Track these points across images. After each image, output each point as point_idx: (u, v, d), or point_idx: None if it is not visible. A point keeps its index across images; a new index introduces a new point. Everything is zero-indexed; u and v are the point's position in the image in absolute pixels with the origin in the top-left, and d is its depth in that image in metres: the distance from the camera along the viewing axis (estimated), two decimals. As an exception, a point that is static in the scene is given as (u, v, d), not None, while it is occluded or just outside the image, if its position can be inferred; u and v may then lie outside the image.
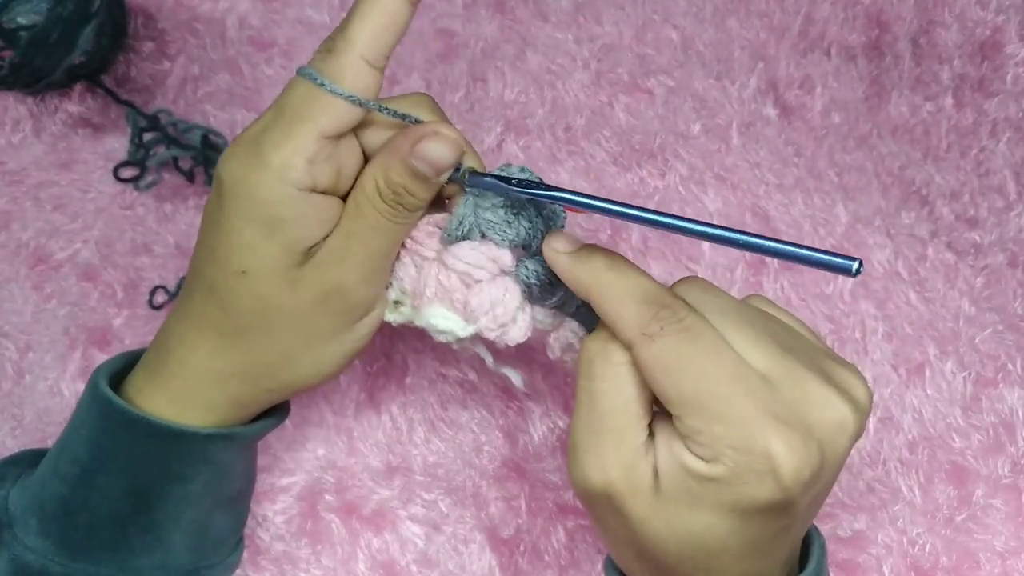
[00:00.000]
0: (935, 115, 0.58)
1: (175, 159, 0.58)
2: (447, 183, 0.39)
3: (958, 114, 0.58)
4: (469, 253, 0.39)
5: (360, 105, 0.36)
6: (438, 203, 0.41)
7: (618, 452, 0.34)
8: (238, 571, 0.50)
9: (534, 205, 0.39)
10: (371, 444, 0.53)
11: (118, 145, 0.60)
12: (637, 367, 0.34)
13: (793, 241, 0.31)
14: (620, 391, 0.34)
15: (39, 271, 0.57)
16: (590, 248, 0.36)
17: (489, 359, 0.44)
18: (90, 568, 0.40)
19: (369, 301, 0.40)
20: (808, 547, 0.39)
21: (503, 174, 0.38)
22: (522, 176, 0.38)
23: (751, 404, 0.32)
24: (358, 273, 0.38)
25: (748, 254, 0.56)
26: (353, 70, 0.36)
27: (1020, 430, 0.52)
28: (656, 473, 0.34)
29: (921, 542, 0.50)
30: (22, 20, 0.54)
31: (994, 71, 0.59)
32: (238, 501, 0.46)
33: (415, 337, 0.55)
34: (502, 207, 0.38)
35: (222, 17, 0.62)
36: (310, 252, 0.38)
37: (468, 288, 0.39)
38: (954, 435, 0.52)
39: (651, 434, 0.34)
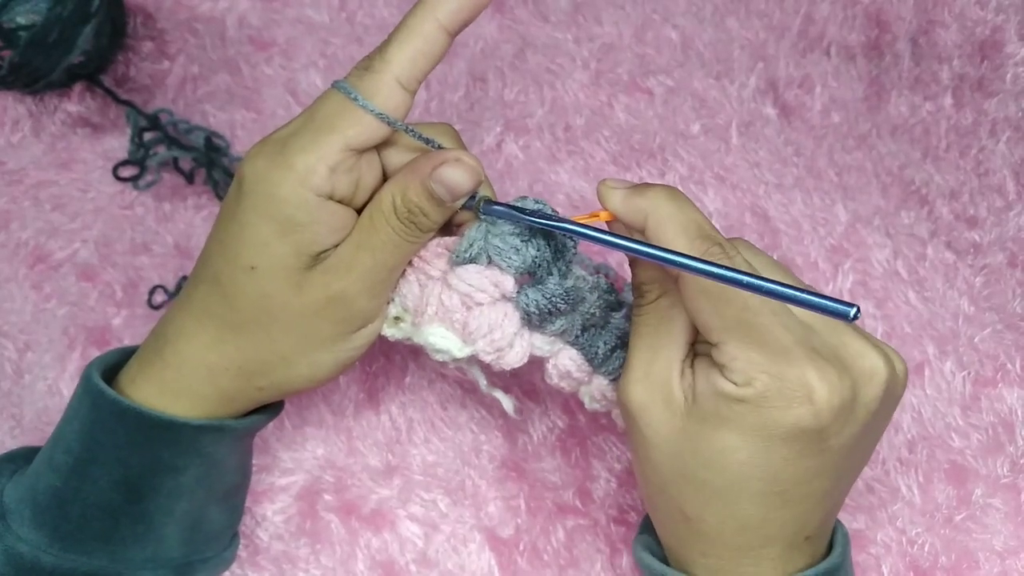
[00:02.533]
0: (934, 115, 0.58)
1: (175, 159, 0.58)
2: (462, 209, 0.40)
3: (957, 114, 0.58)
4: (473, 276, 0.39)
5: (388, 123, 0.38)
6: (448, 229, 0.41)
7: (653, 367, 0.37)
8: (237, 571, 0.50)
9: (544, 238, 0.40)
10: (370, 444, 0.53)
11: (117, 145, 0.60)
12: (683, 296, 0.36)
13: (796, 286, 0.32)
14: (661, 318, 0.38)
15: (38, 271, 0.57)
16: (648, 184, 0.38)
17: (483, 382, 0.44)
18: (82, 559, 0.41)
19: (370, 312, 0.40)
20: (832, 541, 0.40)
21: (517, 205, 0.39)
22: (536, 208, 0.39)
23: (789, 336, 0.34)
24: (363, 284, 0.39)
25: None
26: (387, 89, 0.37)
27: (1019, 430, 0.52)
28: (688, 397, 0.36)
29: (920, 541, 0.50)
30: (21, 20, 0.54)
31: (993, 71, 0.59)
32: (232, 496, 0.46)
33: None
34: (512, 235, 0.39)
35: (222, 17, 0.62)
36: (319, 258, 0.39)
37: (468, 310, 0.40)
38: (953, 435, 0.52)
39: (691, 367, 0.37)
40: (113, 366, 0.43)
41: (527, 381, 0.53)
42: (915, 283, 0.55)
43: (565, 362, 0.42)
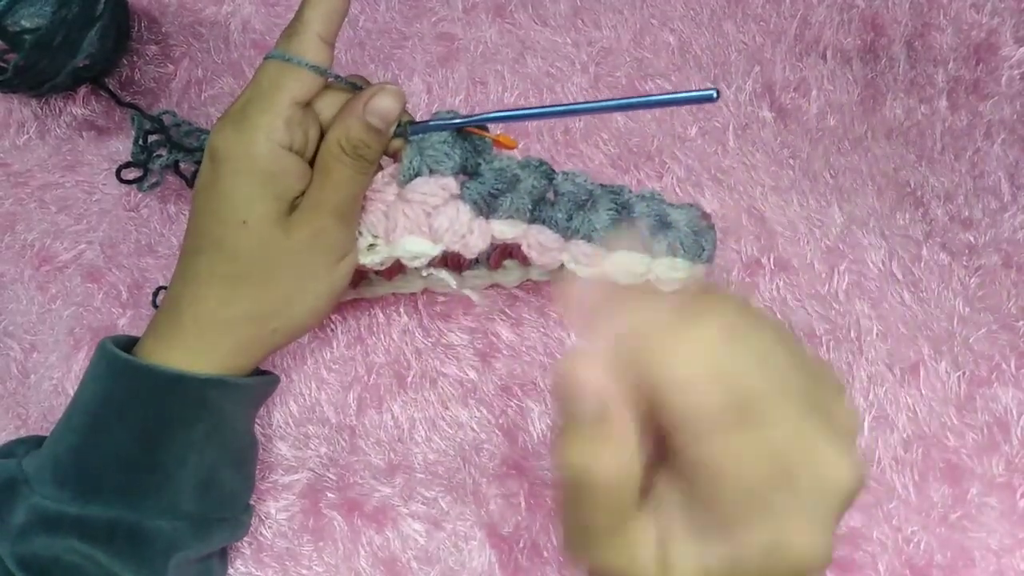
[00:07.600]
0: (930, 117, 0.59)
1: (176, 163, 0.59)
2: (393, 138, 0.46)
3: (952, 116, 0.59)
4: (423, 186, 0.47)
5: (320, 73, 0.44)
6: (379, 165, 0.48)
7: (619, 539, 0.29)
8: (241, 568, 0.51)
9: (464, 139, 0.47)
10: (373, 442, 0.54)
11: (122, 147, 0.61)
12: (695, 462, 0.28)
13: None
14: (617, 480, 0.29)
15: (44, 272, 0.58)
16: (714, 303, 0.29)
17: (452, 283, 0.51)
18: (103, 509, 0.43)
19: (347, 240, 0.47)
20: None
21: (436, 119, 0.47)
22: (449, 115, 0.46)
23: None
24: (335, 216, 0.45)
25: (744, 256, 0.56)
26: (313, 45, 0.44)
27: (1014, 429, 0.52)
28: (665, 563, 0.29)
29: (916, 540, 0.50)
30: (26, 23, 0.55)
31: (988, 73, 0.59)
32: (242, 463, 0.48)
33: (417, 337, 0.55)
34: (440, 143, 0.46)
35: (226, 21, 0.63)
36: (293, 203, 0.45)
37: (428, 216, 0.47)
38: (948, 434, 0.52)
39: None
40: (123, 346, 0.46)
41: (528, 380, 0.54)
42: (910, 284, 0.56)
43: (536, 236, 0.48)
